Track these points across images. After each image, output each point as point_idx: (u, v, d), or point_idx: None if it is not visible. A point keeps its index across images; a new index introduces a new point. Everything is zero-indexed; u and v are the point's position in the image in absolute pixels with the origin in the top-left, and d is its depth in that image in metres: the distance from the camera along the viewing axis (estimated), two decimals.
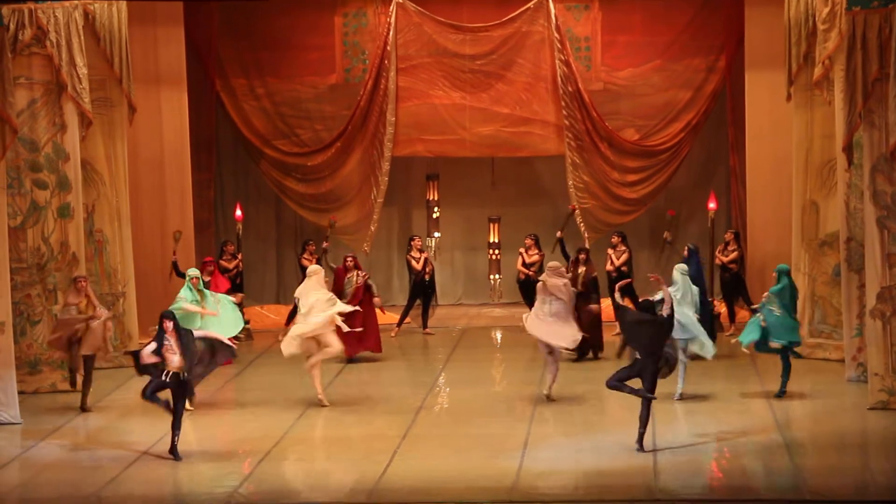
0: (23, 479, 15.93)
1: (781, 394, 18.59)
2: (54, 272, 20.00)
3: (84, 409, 18.77)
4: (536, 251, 23.34)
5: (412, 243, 23.71)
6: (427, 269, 23.54)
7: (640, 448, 16.11)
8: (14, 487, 15.54)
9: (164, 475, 15.74)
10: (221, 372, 20.53)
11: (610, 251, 23.18)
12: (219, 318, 18.82)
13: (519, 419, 17.94)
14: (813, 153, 21.01)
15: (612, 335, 21.48)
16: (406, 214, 26.49)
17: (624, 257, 23.00)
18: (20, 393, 18.68)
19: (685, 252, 21.27)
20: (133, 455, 16.39)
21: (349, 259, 21.69)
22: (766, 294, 18.78)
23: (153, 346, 16.11)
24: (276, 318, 24.67)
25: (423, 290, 23.59)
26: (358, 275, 21.43)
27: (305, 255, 23.33)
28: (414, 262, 23.51)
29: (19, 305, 19.69)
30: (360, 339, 21.02)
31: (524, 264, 23.34)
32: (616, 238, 23.17)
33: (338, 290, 20.96)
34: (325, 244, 23.34)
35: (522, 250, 23.48)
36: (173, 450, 16.17)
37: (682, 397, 18.50)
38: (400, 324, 23.67)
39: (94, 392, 19.08)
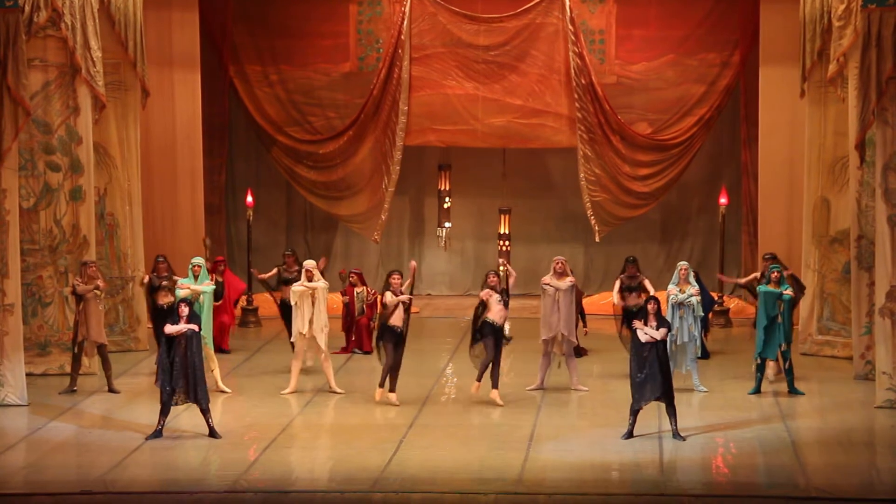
0: (29, 460, 15.97)
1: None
2: (66, 254, 20.03)
3: (112, 390, 18.89)
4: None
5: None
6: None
7: (680, 437, 16.38)
8: (20, 469, 15.58)
9: (170, 460, 15.77)
10: (229, 358, 20.63)
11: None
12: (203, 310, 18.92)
13: (525, 411, 17.95)
14: (825, 150, 20.99)
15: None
16: (417, 204, 26.50)
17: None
18: (29, 374, 18.75)
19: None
20: (139, 438, 16.43)
21: (353, 276, 21.67)
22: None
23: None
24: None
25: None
26: (367, 292, 21.49)
27: (284, 267, 21.32)
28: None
29: (31, 287, 19.76)
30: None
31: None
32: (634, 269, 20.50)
33: (352, 308, 21.53)
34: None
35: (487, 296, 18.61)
36: (212, 431, 16.54)
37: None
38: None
39: (100, 376, 19.17)
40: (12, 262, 18.37)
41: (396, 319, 18.19)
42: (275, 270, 21.44)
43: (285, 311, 20.29)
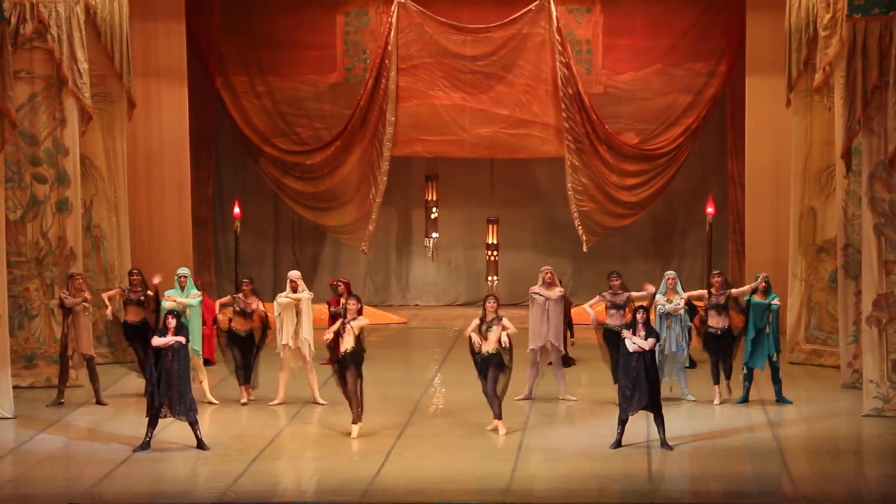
0: (16, 473, 15.91)
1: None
2: (52, 267, 20.00)
3: (99, 402, 18.85)
4: None
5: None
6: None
7: (668, 446, 16.39)
8: (7, 482, 15.51)
9: (159, 471, 15.74)
10: (217, 370, 20.58)
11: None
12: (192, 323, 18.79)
13: (513, 421, 17.93)
14: (812, 159, 21.04)
15: None
16: (405, 214, 26.51)
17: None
18: (16, 387, 18.72)
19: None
20: (127, 450, 16.39)
21: (340, 285, 21.51)
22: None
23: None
24: (273, 316, 24.61)
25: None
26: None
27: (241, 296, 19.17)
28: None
29: (18, 299, 19.73)
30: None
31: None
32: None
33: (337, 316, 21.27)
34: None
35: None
36: (200, 443, 16.51)
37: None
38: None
39: (88, 388, 19.13)
40: None
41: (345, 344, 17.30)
42: (228, 298, 19.45)
43: (230, 340, 19.12)
